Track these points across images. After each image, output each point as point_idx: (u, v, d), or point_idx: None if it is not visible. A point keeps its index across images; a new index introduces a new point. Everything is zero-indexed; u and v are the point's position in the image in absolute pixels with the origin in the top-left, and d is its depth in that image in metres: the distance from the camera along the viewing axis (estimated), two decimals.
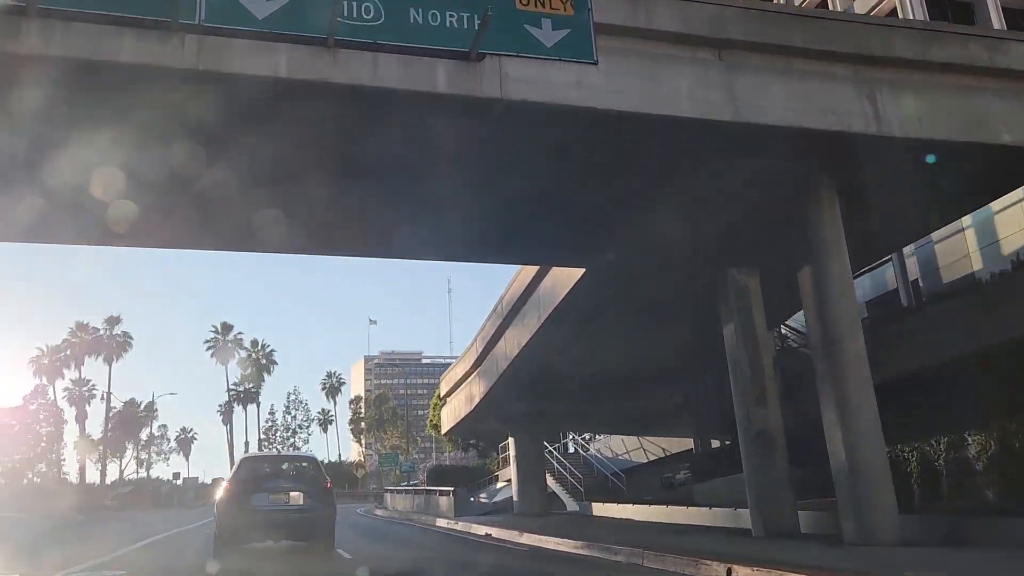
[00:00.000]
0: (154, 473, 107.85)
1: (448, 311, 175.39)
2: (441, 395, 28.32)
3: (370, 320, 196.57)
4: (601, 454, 31.45)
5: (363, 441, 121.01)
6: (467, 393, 24.77)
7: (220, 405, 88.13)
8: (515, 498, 25.64)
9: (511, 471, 25.85)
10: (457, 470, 60.46)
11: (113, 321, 75.62)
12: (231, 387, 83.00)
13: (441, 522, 24.61)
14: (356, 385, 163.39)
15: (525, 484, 25.22)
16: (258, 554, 12.40)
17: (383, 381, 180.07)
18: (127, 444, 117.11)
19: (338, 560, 12.38)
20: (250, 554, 12.23)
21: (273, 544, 12.57)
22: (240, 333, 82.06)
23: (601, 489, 28.83)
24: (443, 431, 28.22)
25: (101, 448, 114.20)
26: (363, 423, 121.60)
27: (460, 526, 22.07)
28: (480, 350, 23.16)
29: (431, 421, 60.20)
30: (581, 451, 33.20)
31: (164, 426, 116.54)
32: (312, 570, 11.64)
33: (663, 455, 27.70)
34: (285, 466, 13.43)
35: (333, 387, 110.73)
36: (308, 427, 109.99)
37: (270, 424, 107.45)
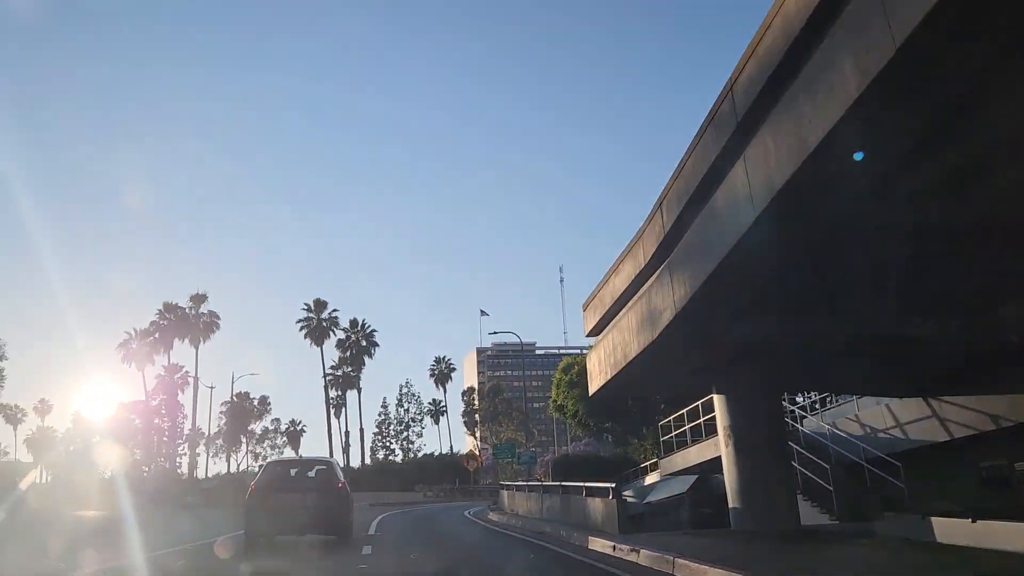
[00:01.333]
0: None
1: (561, 301, 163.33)
2: (587, 331, 17.31)
3: (481, 312, 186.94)
4: (840, 429, 19.61)
5: (477, 434, 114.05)
6: (642, 312, 13.60)
7: (333, 398, 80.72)
8: (733, 503, 14.27)
9: (723, 455, 14.47)
10: (589, 460, 49.30)
11: (199, 299, 68.84)
12: (328, 371, 74.86)
13: (599, 544, 13.74)
14: (468, 377, 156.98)
15: (754, 478, 13.80)
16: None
17: (496, 373, 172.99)
18: (241, 437, 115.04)
19: None
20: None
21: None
22: (336, 311, 73.77)
23: (855, 485, 17.36)
24: (592, 389, 17.14)
25: (218, 441, 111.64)
26: (477, 415, 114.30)
27: (645, 558, 11.12)
28: (671, 222, 12.03)
29: (553, 400, 49.25)
30: (799, 425, 21.39)
31: (277, 419, 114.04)
32: None
33: (990, 428, 15.58)
34: (304, 469, 14.61)
35: (443, 374, 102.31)
36: (421, 420, 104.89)
37: (383, 418, 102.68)
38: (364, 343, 76.25)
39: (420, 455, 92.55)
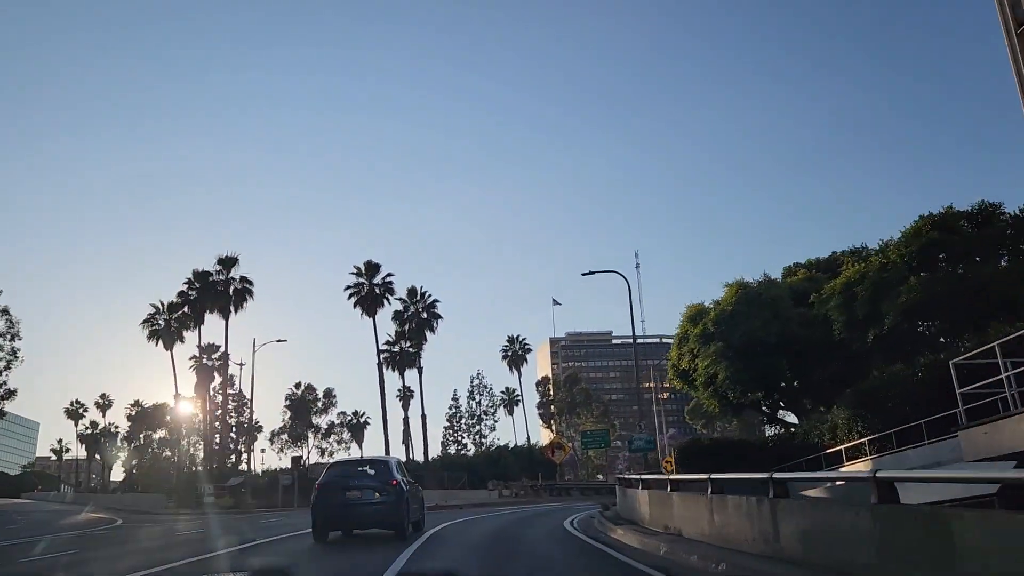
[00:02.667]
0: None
1: (637, 287, 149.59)
2: None
3: (553, 301, 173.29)
4: None
5: (554, 427, 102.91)
6: None
7: (399, 390, 69.70)
8: None
9: None
10: (725, 447, 35.91)
11: (228, 262, 58.21)
12: (383, 347, 63.28)
13: None
14: (542, 368, 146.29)
15: None
16: None
17: (570, 363, 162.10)
18: (308, 433, 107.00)
19: None
20: None
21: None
22: (391, 275, 61.99)
23: None
24: None
25: (283, 436, 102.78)
26: (552, 407, 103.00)
27: None
28: None
29: (673, 365, 35.94)
30: None
31: (343, 413, 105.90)
32: None
33: None
34: (364, 468, 16.00)
35: (516, 356, 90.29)
36: (494, 413, 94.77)
37: (454, 411, 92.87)
38: (425, 315, 64.56)
39: (492, 448, 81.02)
